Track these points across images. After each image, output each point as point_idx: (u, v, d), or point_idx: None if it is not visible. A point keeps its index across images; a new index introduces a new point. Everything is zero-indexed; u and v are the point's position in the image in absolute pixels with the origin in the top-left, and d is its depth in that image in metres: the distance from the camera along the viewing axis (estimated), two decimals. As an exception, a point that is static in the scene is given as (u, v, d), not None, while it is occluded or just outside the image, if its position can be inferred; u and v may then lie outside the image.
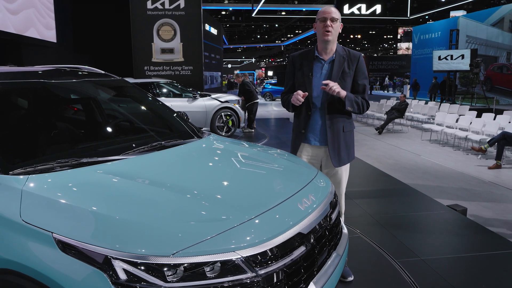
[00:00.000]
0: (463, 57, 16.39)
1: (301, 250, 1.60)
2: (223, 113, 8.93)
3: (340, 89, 2.38)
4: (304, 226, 1.66)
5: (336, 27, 2.45)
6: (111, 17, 11.86)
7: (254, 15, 22.73)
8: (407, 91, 24.46)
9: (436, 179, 5.96)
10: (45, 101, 2.46)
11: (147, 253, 1.32)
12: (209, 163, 2.19)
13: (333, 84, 2.37)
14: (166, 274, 1.32)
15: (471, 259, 3.03)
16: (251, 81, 11.17)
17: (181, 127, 2.68)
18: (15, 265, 1.42)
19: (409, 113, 12.25)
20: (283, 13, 30.14)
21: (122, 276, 1.31)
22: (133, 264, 1.32)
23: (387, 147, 8.79)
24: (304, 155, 2.62)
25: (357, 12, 19.23)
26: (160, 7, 11.12)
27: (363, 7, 19.18)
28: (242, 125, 9.35)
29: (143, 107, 2.91)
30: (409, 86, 25.00)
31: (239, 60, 61.10)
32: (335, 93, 2.38)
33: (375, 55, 51.16)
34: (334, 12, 2.44)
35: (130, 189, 1.66)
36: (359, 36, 48.37)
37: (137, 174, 1.81)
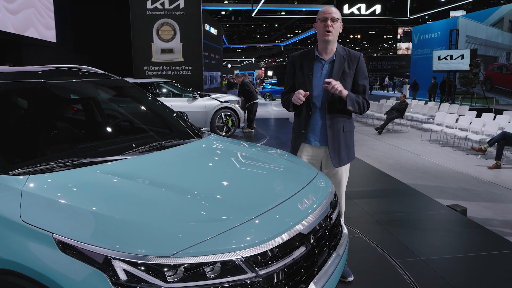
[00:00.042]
0: (462, 57, 16.40)
1: (301, 250, 1.60)
2: (223, 113, 8.93)
3: (342, 88, 2.38)
4: (304, 226, 1.66)
5: (336, 27, 2.45)
6: (111, 17, 11.86)
7: (254, 15, 22.73)
8: (406, 91, 24.47)
9: (436, 179, 5.96)
10: (45, 101, 2.46)
11: (147, 253, 1.32)
12: (209, 163, 2.19)
13: (335, 82, 2.36)
14: (166, 274, 1.31)
15: (471, 259, 3.03)
16: (250, 81, 11.16)
17: (181, 127, 2.68)
18: (15, 266, 1.42)
19: (409, 113, 12.25)
20: (283, 13, 30.15)
21: (122, 276, 1.31)
22: (133, 264, 1.31)
23: (387, 147, 8.79)
24: (304, 155, 2.62)
25: (356, 12, 19.23)
26: (160, 7, 11.12)
27: (363, 7, 19.18)
28: (242, 125, 9.35)
29: (143, 107, 2.90)
30: (408, 86, 25.01)
31: (238, 60, 61.09)
32: (337, 92, 2.37)
33: (375, 55, 51.16)
34: (334, 12, 2.43)
35: (130, 189, 1.66)
36: (359, 36, 48.42)
37: (137, 174, 1.81)
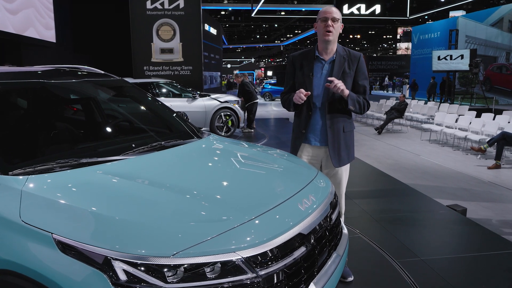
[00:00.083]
0: (462, 57, 16.41)
1: (301, 250, 1.60)
2: (222, 113, 8.93)
3: (344, 87, 2.38)
4: (304, 226, 1.66)
5: (337, 27, 2.45)
6: (110, 17, 11.86)
7: (253, 15, 22.73)
8: (406, 91, 24.48)
9: (435, 179, 5.96)
10: (45, 101, 2.46)
11: (147, 253, 1.32)
12: (209, 164, 2.19)
13: (338, 81, 2.36)
14: (166, 274, 1.31)
15: (470, 259, 3.03)
16: (250, 81, 11.16)
17: (180, 127, 2.68)
18: (14, 266, 1.42)
19: (408, 113, 12.26)
20: (283, 13, 30.15)
21: (122, 277, 1.31)
22: (133, 264, 1.31)
23: (386, 147, 8.79)
24: (304, 155, 2.62)
25: (356, 12, 19.24)
26: (159, 7, 11.12)
27: (363, 7, 19.19)
28: (241, 125, 9.35)
29: (142, 107, 2.90)
30: (408, 86, 25.02)
31: (238, 60, 61.09)
32: (339, 91, 2.37)
33: (375, 55, 51.18)
34: (335, 12, 2.43)
35: (130, 190, 1.66)
36: (359, 36, 48.43)
37: (137, 174, 1.81)
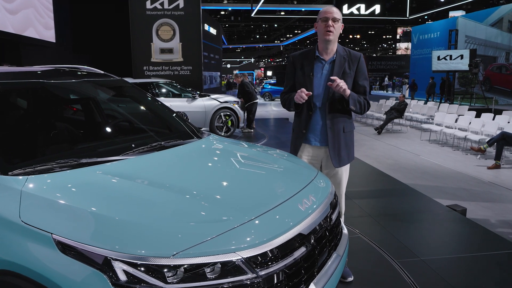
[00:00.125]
0: (462, 57, 16.41)
1: (301, 251, 1.60)
2: (222, 113, 8.93)
3: (346, 87, 2.38)
4: (304, 226, 1.65)
5: (337, 27, 2.45)
6: (110, 17, 11.85)
7: (253, 15, 22.72)
8: (406, 91, 24.49)
9: (435, 179, 5.96)
10: (44, 101, 2.45)
11: (147, 254, 1.32)
12: (209, 164, 2.18)
13: (340, 80, 2.36)
14: (166, 275, 1.31)
15: (470, 259, 3.03)
16: (250, 81, 11.15)
17: (180, 127, 2.68)
18: (14, 266, 1.41)
19: (408, 113, 12.26)
20: (282, 13, 30.14)
21: (122, 277, 1.31)
22: (133, 265, 1.31)
23: (386, 147, 8.79)
24: (304, 156, 2.61)
25: (356, 12, 19.22)
26: (159, 7, 11.11)
27: (362, 7, 19.17)
28: (241, 125, 9.35)
29: (142, 107, 2.90)
30: (407, 86, 25.02)
31: (238, 60, 61.08)
32: (341, 90, 2.37)
33: (374, 55, 51.18)
34: (335, 12, 2.43)
35: (130, 190, 1.66)
36: (358, 36, 48.41)
37: (137, 174, 1.80)
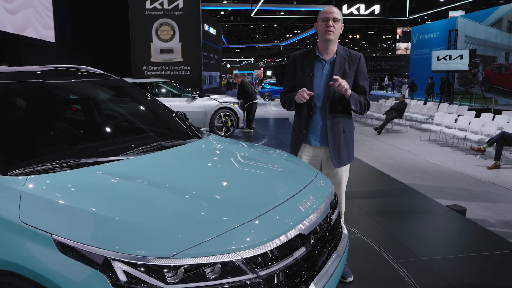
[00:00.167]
0: (461, 57, 16.42)
1: (301, 251, 1.60)
2: (222, 113, 8.92)
3: (348, 87, 2.38)
4: (304, 227, 1.65)
5: (338, 28, 2.45)
6: (110, 17, 11.84)
7: (253, 15, 22.73)
8: (405, 91, 24.51)
9: (435, 179, 5.96)
10: (44, 101, 2.45)
11: (147, 254, 1.31)
12: (209, 164, 2.18)
13: (342, 80, 2.36)
14: (166, 275, 1.31)
15: (470, 259, 3.03)
16: (250, 81, 11.14)
17: (180, 128, 2.67)
18: (14, 267, 1.41)
19: (408, 113, 12.27)
20: (282, 13, 30.14)
21: (122, 277, 1.30)
22: (133, 265, 1.31)
23: (386, 147, 8.80)
24: (304, 156, 2.61)
25: (356, 12, 19.24)
26: (159, 7, 11.10)
27: (362, 7, 19.18)
28: (241, 125, 9.35)
29: (142, 107, 2.90)
30: (407, 86, 25.04)
31: (238, 60, 61.07)
32: (343, 90, 2.37)
33: (374, 55, 51.19)
34: (336, 12, 2.43)
35: (129, 190, 1.66)
36: (358, 36, 48.42)
37: (137, 174, 1.80)
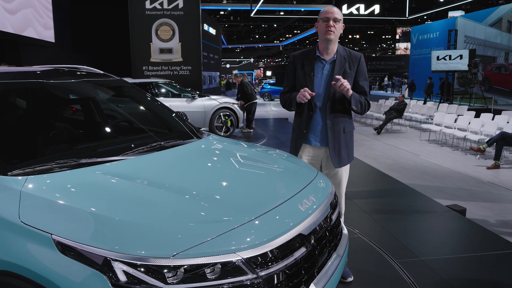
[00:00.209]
0: (461, 57, 16.41)
1: (301, 251, 1.59)
2: (221, 113, 8.92)
3: (349, 87, 2.39)
4: (304, 227, 1.65)
5: (338, 28, 2.45)
6: (109, 17, 11.84)
7: (252, 15, 22.73)
8: (405, 91, 24.52)
9: (434, 179, 5.96)
10: (44, 101, 2.45)
11: (147, 254, 1.31)
12: (209, 164, 2.18)
13: (344, 80, 2.37)
14: (166, 275, 1.31)
15: (470, 259, 3.04)
16: (249, 81, 11.14)
17: (180, 128, 2.67)
18: (13, 267, 1.41)
19: (407, 113, 12.27)
20: (282, 13, 30.12)
21: (121, 278, 1.30)
22: (133, 265, 1.31)
23: (385, 147, 8.80)
24: (304, 156, 2.61)
25: (355, 12, 19.26)
26: (158, 7, 11.09)
27: (362, 7, 19.20)
28: (240, 125, 9.34)
29: (142, 107, 2.89)
30: (406, 86, 25.05)
31: (237, 60, 61.04)
32: (345, 90, 2.37)
33: (374, 55, 51.18)
34: (336, 12, 2.44)
35: (129, 190, 1.66)
36: (358, 36, 48.39)
37: (137, 174, 1.80)
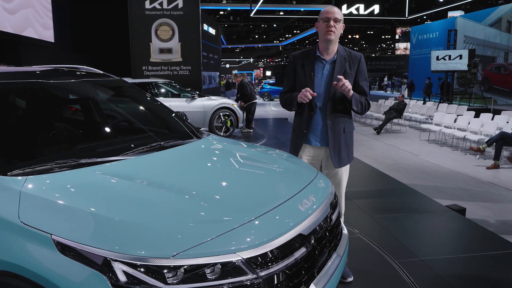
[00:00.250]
0: (461, 57, 16.42)
1: (301, 251, 1.59)
2: (221, 113, 8.92)
3: (350, 87, 2.39)
4: (304, 227, 1.65)
5: (338, 28, 2.45)
6: (109, 17, 11.83)
7: (252, 15, 22.72)
8: (404, 91, 24.53)
9: (434, 179, 5.96)
10: (43, 102, 2.45)
11: (147, 255, 1.31)
12: (209, 164, 2.18)
13: (345, 80, 2.37)
14: (166, 276, 1.31)
15: (470, 259, 3.04)
16: (249, 81, 11.14)
17: (180, 128, 2.67)
18: (13, 267, 1.41)
19: (407, 113, 12.27)
20: (281, 13, 30.12)
21: (121, 278, 1.30)
22: (133, 266, 1.31)
23: (385, 147, 8.80)
24: (304, 156, 2.61)
25: (355, 12, 19.26)
26: (158, 7, 11.09)
27: (361, 7, 19.20)
28: (240, 125, 9.34)
29: (141, 107, 2.89)
30: (405, 86, 25.06)
31: (237, 60, 61.03)
32: (346, 90, 2.37)
33: (373, 55, 51.19)
34: (337, 12, 2.44)
35: (129, 190, 1.65)
36: (357, 36, 48.40)
37: (137, 175, 1.80)
